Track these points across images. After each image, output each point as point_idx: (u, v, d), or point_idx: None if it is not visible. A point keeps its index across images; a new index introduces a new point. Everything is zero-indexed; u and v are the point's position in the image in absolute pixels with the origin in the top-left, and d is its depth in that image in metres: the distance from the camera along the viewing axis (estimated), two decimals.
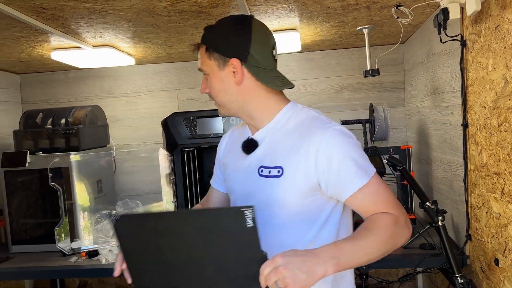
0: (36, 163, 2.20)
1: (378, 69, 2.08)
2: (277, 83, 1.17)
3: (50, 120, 2.38)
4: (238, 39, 1.12)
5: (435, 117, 2.09)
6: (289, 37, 2.13)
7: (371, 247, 1.01)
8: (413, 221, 2.13)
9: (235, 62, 1.12)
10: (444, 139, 1.96)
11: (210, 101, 1.25)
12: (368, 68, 2.13)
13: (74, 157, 2.19)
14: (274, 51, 1.19)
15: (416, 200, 2.20)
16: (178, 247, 0.97)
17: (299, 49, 2.43)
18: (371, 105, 2.34)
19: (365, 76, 2.09)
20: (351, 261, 0.99)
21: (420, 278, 2.60)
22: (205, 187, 2.50)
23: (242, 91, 1.15)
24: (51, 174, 2.09)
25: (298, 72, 2.77)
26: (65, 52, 2.20)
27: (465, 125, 1.67)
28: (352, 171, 1.07)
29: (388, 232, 1.04)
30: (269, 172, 1.15)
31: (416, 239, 1.96)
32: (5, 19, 1.66)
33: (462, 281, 1.59)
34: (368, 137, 2.32)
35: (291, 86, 1.18)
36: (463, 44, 1.64)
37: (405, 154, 2.21)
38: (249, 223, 0.89)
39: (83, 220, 2.21)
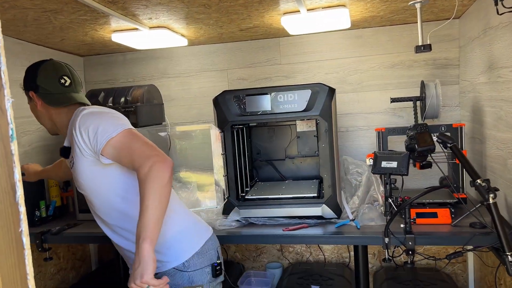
0: None
1: (430, 45, 2.03)
2: (59, 102, 1.55)
3: (111, 99, 2.55)
4: (28, 76, 1.57)
5: (491, 94, 2.01)
6: (337, 14, 2.13)
7: (154, 208, 1.27)
8: (463, 200, 2.09)
9: (30, 93, 1.56)
10: (500, 116, 1.90)
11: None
12: (420, 43, 2.08)
13: None
14: (62, 80, 1.56)
15: (467, 179, 2.15)
16: None
17: (349, 25, 2.41)
18: (422, 82, 2.29)
19: (416, 52, 2.05)
20: (154, 230, 1.27)
21: (470, 257, 2.56)
22: (253, 163, 2.58)
23: (44, 113, 1.58)
24: None
25: (347, 50, 2.75)
26: (124, 34, 2.34)
27: None
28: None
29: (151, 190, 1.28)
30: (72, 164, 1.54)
31: (466, 218, 1.93)
32: (71, 3, 1.81)
33: None
34: (419, 115, 2.28)
35: (71, 102, 1.56)
36: None
37: (457, 132, 2.16)
38: None
39: None
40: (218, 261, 1.62)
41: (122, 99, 2.54)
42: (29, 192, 2.38)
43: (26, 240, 0.59)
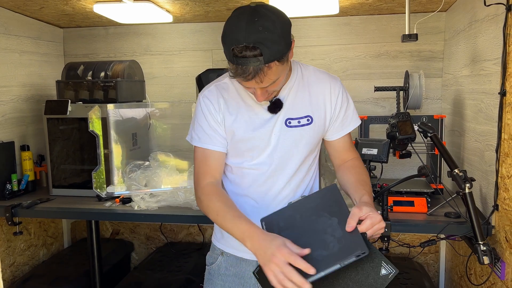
0: (76, 112, 2.31)
1: (416, 34, 2.03)
2: None
3: (90, 73, 2.48)
4: (283, 28, 1.14)
5: (473, 86, 2.03)
6: None
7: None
8: (440, 190, 2.12)
9: (292, 43, 1.19)
10: (480, 108, 1.92)
11: None
12: (407, 33, 2.08)
13: (112, 107, 2.28)
14: None
15: (444, 170, 2.18)
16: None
17: (337, 11, 2.39)
18: (406, 72, 2.29)
19: (402, 41, 2.05)
20: None
21: (443, 248, 2.61)
22: None
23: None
24: (90, 121, 2.20)
25: (333, 37, 2.73)
26: (106, 5, 2.26)
27: (502, 93, 1.63)
28: (353, 114, 1.43)
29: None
30: (298, 122, 1.32)
31: (442, 207, 1.96)
32: None
33: (484, 248, 1.59)
34: (401, 105, 2.29)
35: None
36: (508, 8, 1.58)
37: (438, 123, 2.18)
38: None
39: (118, 170, 2.32)
40: None
41: (102, 74, 2.47)
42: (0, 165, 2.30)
43: None
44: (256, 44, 1.07)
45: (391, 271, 1.06)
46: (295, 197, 1.38)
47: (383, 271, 1.06)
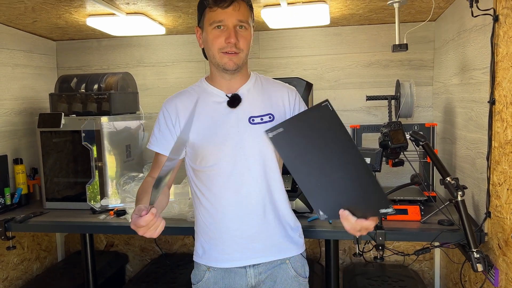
0: (70, 125, 2.31)
1: (406, 44, 2.06)
2: None
3: (83, 85, 2.48)
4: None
5: (463, 95, 2.06)
6: (317, 10, 2.13)
7: None
8: (433, 198, 2.14)
9: (253, 17, 1.40)
10: (470, 117, 1.95)
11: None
12: (397, 43, 2.11)
13: (105, 120, 2.28)
14: None
15: (437, 178, 2.20)
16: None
17: (328, 22, 2.43)
18: (397, 81, 2.32)
19: (393, 51, 2.08)
20: None
21: (437, 255, 2.62)
22: None
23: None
24: (84, 134, 2.20)
25: (325, 47, 2.76)
26: (99, 18, 2.28)
27: (492, 102, 1.66)
28: None
29: None
30: (261, 119, 1.40)
31: (435, 215, 1.98)
32: None
33: (478, 255, 1.60)
34: (393, 114, 2.32)
35: None
36: (495, 18, 1.61)
37: (429, 132, 2.20)
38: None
39: (112, 182, 2.31)
40: None
41: (96, 86, 2.47)
42: None
43: None
44: None
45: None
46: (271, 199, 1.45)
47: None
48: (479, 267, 1.58)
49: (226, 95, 1.42)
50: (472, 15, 1.65)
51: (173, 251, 3.07)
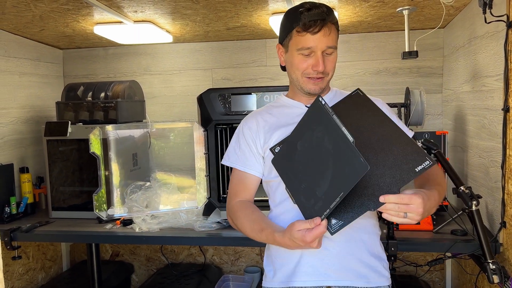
0: (77, 133, 2.29)
1: (416, 51, 2.04)
2: None
3: (90, 93, 2.47)
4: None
5: (474, 102, 2.03)
6: None
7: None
8: (445, 207, 2.09)
9: None
10: (483, 124, 1.91)
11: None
12: (407, 50, 2.09)
13: (112, 128, 2.27)
14: None
15: (449, 187, 2.16)
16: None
17: None
18: (407, 89, 2.30)
19: (403, 58, 2.06)
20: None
21: (449, 265, 2.57)
22: None
23: None
24: (91, 142, 2.18)
25: None
26: (107, 26, 2.27)
27: (506, 109, 1.62)
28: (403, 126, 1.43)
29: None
30: None
31: (448, 225, 1.93)
32: None
33: (494, 267, 1.57)
34: (403, 122, 2.29)
35: None
36: (509, 25, 1.59)
37: (440, 140, 2.17)
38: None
39: (119, 191, 2.29)
40: None
41: (102, 94, 2.46)
42: None
43: None
44: (322, 5, 1.27)
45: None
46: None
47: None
48: (495, 278, 1.55)
49: (306, 106, 1.37)
50: (485, 21, 1.62)
51: (179, 261, 3.03)
